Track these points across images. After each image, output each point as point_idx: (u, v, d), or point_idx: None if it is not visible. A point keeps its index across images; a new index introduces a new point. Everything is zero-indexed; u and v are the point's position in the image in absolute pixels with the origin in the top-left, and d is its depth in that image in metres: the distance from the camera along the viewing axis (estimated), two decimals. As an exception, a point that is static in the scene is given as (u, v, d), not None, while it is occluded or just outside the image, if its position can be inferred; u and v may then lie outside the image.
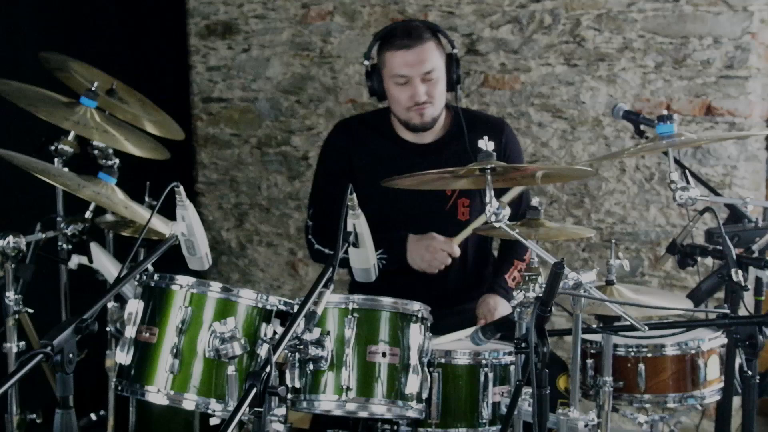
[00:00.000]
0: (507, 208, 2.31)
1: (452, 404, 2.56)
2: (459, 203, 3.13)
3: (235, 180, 4.90)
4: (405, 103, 3.06)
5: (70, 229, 3.03)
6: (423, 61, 3.02)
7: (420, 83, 3.03)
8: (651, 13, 4.02)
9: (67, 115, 2.85)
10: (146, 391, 2.38)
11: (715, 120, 3.97)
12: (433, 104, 3.07)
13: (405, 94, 3.05)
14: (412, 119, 3.09)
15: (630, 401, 2.76)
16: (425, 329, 2.50)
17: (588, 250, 4.26)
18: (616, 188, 4.18)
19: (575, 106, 4.19)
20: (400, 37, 3.02)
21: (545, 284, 2.19)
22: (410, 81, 3.03)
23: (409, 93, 3.04)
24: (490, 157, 2.39)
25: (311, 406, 2.41)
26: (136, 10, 4.48)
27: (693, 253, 2.87)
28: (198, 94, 4.90)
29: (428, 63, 3.02)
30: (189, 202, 2.33)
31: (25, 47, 3.65)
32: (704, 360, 2.75)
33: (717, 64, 3.93)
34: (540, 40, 4.20)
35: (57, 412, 1.94)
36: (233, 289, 2.43)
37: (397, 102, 3.09)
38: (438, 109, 3.10)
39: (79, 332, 1.95)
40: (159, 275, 2.46)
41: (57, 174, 2.73)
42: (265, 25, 4.72)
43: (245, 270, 4.94)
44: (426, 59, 3.02)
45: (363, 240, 2.38)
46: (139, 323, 2.42)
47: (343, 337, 2.40)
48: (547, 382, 2.16)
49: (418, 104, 3.04)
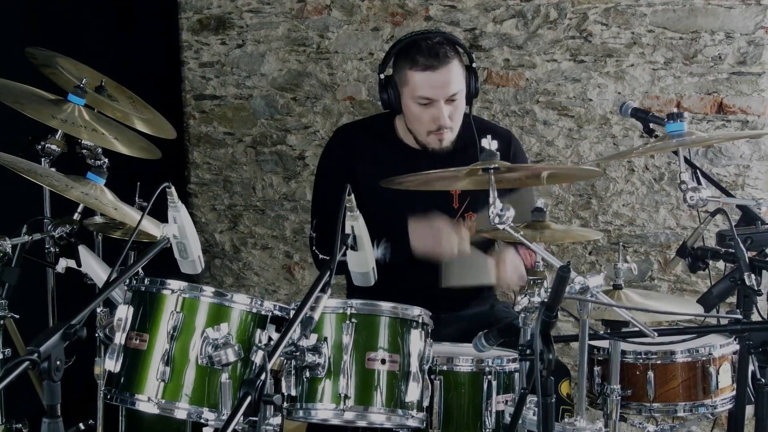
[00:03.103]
0: (511, 209, 2.31)
1: (454, 413, 2.57)
2: (466, 217, 3.14)
3: (229, 180, 4.90)
4: (427, 125, 3.07)
5: (57, 232, 3.02)
6: (449, 83, 3.02)
7: (444, 105, 3.04)
8: (660, 7, 4.02)
9: (54, 113, 2.85)
10: (136, 400, 2.38)
11: (727, 118, 3.97)
12: (453, 129, 3.09)
13: (427, 116, 3.06)
14: (431, 143, 3.10)
15: (639, 410, 2.76)
16: (426, 335, 2.50)
17: (595, 253, 4.26)
18: (625, 189, 4.18)
19: (582, 104, 4.19)
20: (426, 57, 3.01)
21: (551, 288, 2.19)
22: (434, 103, 3.03)
23: (433, 115, 3.04)
24: (493, 157, 2.39)
25: (308, 415, 2.42)
26: (126, 4, 4.48)
27: (704, 257, 2.87)
28: (190, 91, 4.90)
29: (454, 85, 3.03)
30: (181, 204, 2.33)
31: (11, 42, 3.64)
32: (716, 367, 2.75)
33: (729, 60, 3.93)
34: (545, 35, 4.21)
35: (44, 421, 1.94)
36: (227, 294, 2.43)
37: (417, 122, 3.09)
38: (456, 132, 3.11)
39: (66, 338, 1.95)
40: (150, 279, 2.46)
41: (44, 174, 2.73)
42: (260, 19, 4.72)
43: (239, 274, 4.94)
44: (452, 81, 3.03)
45: (362, 243, 2.38)
46: (129, 329, 2.42)
47: (341, 343, 2.41)
48: (552, 390, 2.16)
49: (440, 128, 3.05)
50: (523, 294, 2.37)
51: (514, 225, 2.34)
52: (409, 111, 3.09)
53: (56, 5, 4.08)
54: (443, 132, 3.07)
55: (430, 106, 3.04)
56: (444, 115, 3.03)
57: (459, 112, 3.09)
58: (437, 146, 3.10)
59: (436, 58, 3.01)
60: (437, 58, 3.01)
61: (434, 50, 3.02)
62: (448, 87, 3.02)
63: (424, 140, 3.11)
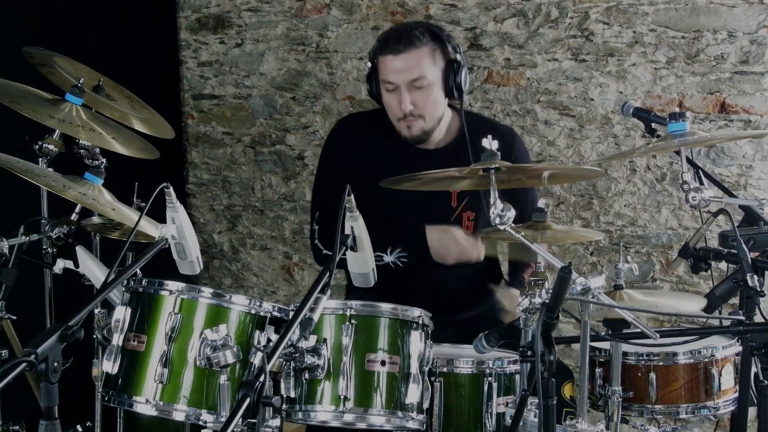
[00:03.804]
0: (512, 209, 2.31)
1: (454, 415, 2.57)
2: (464, 216, 3.14)
3: (228, 180, 4.90)
4: (395, 112, 3.07)
5: (55, 232, 3.03)
6: (411, 68, 3.00)
7: (406, 91, 3.01)
8: (662, 6, 4.02)
9: (51, 113, 2.85)
10: (134, 402, 2.38)
11: (729, 118, 3.97)
12: (423, 117, 3.06)
13: (393, 102, 3.05)
14: (402, 131, 3.10)
15: (640, 412, 2.76)
16: (426, 336, 2.50)
17: (596, 253, 4.26)
18: (626, 189, 4.18)
19: (583, 104, 4.19)
20: (394, 41, 3.02)
21: (552, 289, 2.19)
22: (397, 88, 3.03)
23: (397, 100, 3.04)
24: (494, 157, 2.39)
25: (307, 417, 2.42)
26: (124, 3, 4.48)
27: (706, 257, 2.88)
28: (189, 90, 4.91)
29: (416, 70, 3.00)
30: (179, 204, 2.33)
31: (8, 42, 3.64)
32: (718, 369, 2.75)
33: (732, 60, 3.93)
34: (546, 34, 4.21)
35: (41, 423, 1.94)
36: (225, 295, 2.43)
37: (389, 109, 3.10)
38: (430, 122, 3.08)
39: (64, 340, 1.95)
40: (148, 280, 2.46)
41: (41, 174, 2.72)
42: (258, 18, 4.73)
43: (238, 275, 4.95)
44: (414, 66, 3.00)
45: (361, 243, 2.38)
46: (127, 330, 2.42)
47: (341, 344, 2.41)
48: (554, 392, 2.16)
49: (405, 115, 3.04)
50: (524, 295, 2.37)
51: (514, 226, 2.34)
52: (383, 100, 3.10)
53: (54, 4, 4.08)
54: (409, 120, 3.05)
55: (395, 91, 3.03)
56: (405, 100, 3.01)
57: (427, 100, 3.04)
58: (407, 134, 3.08)
59: (400, 42, 3.00)
60: (402, 42, 3.00)
61: (401, 34, 3.02)
62: (409, 72, 3.00)
63: (398, 128, 3.10)
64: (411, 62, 3.00)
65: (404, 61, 3.00)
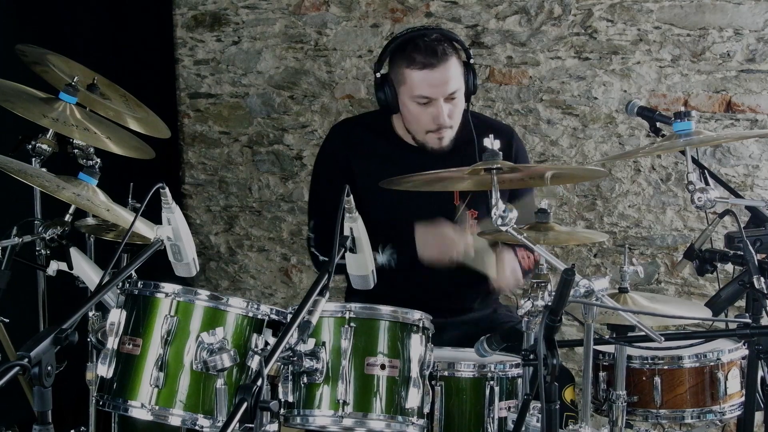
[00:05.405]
0: (514, 210, 2.31)
1: (456, 420, 2.57)
2: (467, 214, 3.14)
3: (225, 181, 4.90)
4: (426, 125, 3.07)
5: (48, 234, 3.02)
6: (447, 81, 3.02)
7: (444, 104, 3.04)
8: (667, 3, 4.02)
9: (45, 112, 2.85)
10: (129, 406, 2.38)
11: (735, 117, 3.98)
12: (453, 127, 3.09)
13: (427, 116, 3.06)
14: (429, 142, 3.11)
15: (645, 416, 2.77)
16: (426, 339, 2.50)
17: (600, 255, 4.26)
18: (631, 190, 4.18)
19: (587, 102, 4.19)
20: (424, 55, 3.01)
21: (555, 292, 2.19)
22: (433, 102, 3.03)
23: (432, 114, 3.05)
24: (496, 156, 2.39)
25: (305, 421, 2.42)
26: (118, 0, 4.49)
27: (712, 259, 2.88)
28: (185, 89, 4.90)
29: (453, 83, 3.03)
30: (175, 205, 2.33)
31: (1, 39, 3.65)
32: (724, 373, 2.76)
33: (738, 58, 3.93)
34: (549, 31, 4.21)
35: (35, 428, 1.94)
36: (222, 297, 2.44)
37: (416, 122, 3.09)
38: (455, 130, 3.11)
39: (58, 343, 1.95)
40: (143, 282, 2.46)
41: (35, 174, 2.73)
42: (256, 15, 4.73)
43: (235, 277, 4.94)
44: (450, 79, 3.03)
45: (361, 245, 2.38)
46: (122, 334, 2.42)
47: (340, 348, 2.41)
48: (556, 397, 2.16)
49: (440, 128, 3.05)
50: (527, 297, 2.37)
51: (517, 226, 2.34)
52: (407, 110, 3.09)
53: (47, 1, 4.08)
54: (443, 131, 3.07)
55: (429, 105, 3.04)
56: (444, 113, 3.04)
57: (458, 110, 3.09)
58: (436, 146, 3.10)
59: (434, 56, 3.00)
60: (435, 56, 3.00)
61: (432, 48, 3.02)
62: (447, 85, 3.02)
63: (423, 140, 3.12)
64: (447, 75, 3.02)
65: (441, 75, 3.01)
